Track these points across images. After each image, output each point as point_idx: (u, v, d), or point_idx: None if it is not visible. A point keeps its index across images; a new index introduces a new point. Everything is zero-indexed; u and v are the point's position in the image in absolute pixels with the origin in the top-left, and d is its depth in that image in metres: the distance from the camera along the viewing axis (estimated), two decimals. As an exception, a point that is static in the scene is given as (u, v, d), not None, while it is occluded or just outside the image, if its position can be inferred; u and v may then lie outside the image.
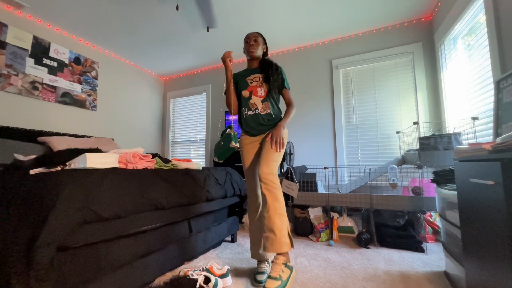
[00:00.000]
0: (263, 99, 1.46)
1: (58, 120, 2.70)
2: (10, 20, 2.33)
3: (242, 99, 1.51)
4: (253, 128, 1.47)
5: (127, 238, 1.12)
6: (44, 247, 0.75)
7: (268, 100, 1.46)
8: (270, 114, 1.46)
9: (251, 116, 1.47)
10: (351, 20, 2.60)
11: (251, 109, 1.46)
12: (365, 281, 1.36)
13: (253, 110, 1.46)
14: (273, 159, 1.32)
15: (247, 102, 1.48)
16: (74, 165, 1.07)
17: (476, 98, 1.79)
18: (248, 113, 1.47)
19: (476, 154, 0.92)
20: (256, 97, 1.46)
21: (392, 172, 2.10)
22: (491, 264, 0.81)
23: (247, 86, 1.50)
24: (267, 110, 1.45)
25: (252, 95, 1.47)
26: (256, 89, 1.47)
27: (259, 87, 1.47)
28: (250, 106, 1.47)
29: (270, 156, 1.32)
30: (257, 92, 1.47)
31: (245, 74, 1.55)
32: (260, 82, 1.48)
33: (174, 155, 4.04)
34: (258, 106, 1.45)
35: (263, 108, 1.45)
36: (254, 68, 1.55)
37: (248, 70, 1.56)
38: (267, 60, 1.54)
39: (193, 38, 2.95)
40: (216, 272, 1.31)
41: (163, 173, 1.32)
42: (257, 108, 1.45)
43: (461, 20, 1.90)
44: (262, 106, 1.45)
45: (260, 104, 1.45)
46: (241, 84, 1.53)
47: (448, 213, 1.29)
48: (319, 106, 2.96)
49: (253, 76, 1.50)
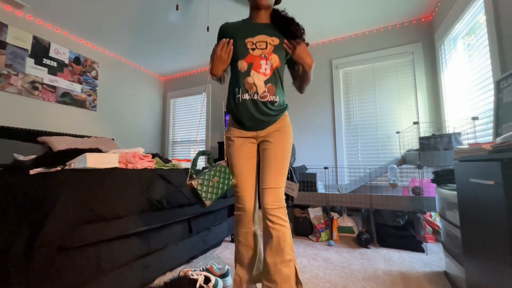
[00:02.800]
0: (268, 79, 1.00)
1: (58, 120, 2.70)
2: (10, 20, 2.33)
3: (236, 73, 1.04)
4: (248, 119, 1.02)
5: (127, 238, 1.12)
6: (44, 247, 0.75)
7: (273, 80, 1.01)
8: (274, 102, 1.01)
9: (246, 102, 1.00)
10: (351, 20, 2.60)
11: (248, 91, 1.00)
12: (365, 281, 1.36)
13: (250, 93, 1.00)
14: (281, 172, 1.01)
15: (243, 80, 1.01)
16: (74, 165, 1.07)
17: (476, 98, 1.79)
18: (243, 97, 1.01)
19: (476, 154, 0.92)
20: (258, 73, 1.00)
21: (392, 172, 2.10)
22: (491, 264, 0.81)
23: (246, 54, 1.01)
24: (270, 97, 1.00)
25: (251, 69, 1.00)
26: (258, 62, 1.00)
27: (265, 58, 1.00)
28: (246, 87, 1.00)
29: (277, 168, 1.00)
30: (260, 66, 1.00)
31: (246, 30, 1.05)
32: (268, 51, 1.00)
33: (174, 155, 4.04)
34: (258, 88, 0.99)
35: (265, 92, 1.00)
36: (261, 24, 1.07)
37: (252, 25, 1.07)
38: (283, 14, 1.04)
39: (193, 38, 2.95)
40: (216, 272, 1.32)
41: (163, 173, 1.32)
42: (257, 91, 0.99)
43: (461, 20, 1.90)
44: (264, 89, 0.99)
45: (261, 85, 0.99)
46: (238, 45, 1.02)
47: (448, 213, 1.29)
48: (319, 106, 2.96)
49: (258, 37, 1.02)
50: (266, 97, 1.00)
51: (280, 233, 0.95)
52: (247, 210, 1.05)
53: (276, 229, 0.95)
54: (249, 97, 1.00)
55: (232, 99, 1.06)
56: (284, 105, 1.08)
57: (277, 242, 0.94)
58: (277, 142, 1.04)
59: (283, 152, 1.04)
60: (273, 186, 0.99)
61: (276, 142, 1.04)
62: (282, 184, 1.01)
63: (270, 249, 0.96)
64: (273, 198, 0.97)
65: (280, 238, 0.94)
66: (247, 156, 1.08)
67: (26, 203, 0.82)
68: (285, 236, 0.95)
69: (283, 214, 0.98)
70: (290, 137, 1.08)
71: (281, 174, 1.02)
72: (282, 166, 1.03)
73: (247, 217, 1.06)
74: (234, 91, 1.05)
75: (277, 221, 0.95)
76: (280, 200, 0.98)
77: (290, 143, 1.07)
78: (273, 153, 1.03)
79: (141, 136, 3.78)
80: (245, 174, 1.06)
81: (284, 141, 1.05)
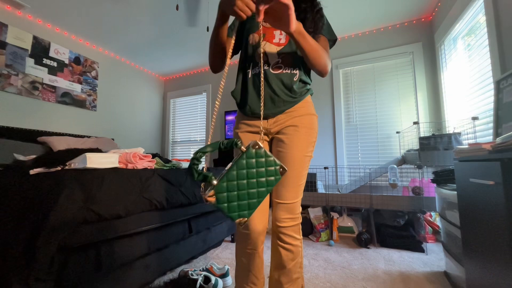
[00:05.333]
0: (282, 48, 0.83)
1: (58, 120, 2.70)
2: (10, 20, 2.33)
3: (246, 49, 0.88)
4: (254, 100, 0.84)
5: (127, 238, 1.12)
6: (44, 247, 0.75)
7: (290, 51, 0.84)
8: (291, 77, 0.83)
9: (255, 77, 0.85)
10: (351, 20, 2.60)
11: (257, 64, 0.84)
12: (365, 281, 1.36)
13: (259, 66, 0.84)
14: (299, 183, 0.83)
15: (254, 53, 0.85)
16: (74, 165, 1.07)
17: (476, 98, 1.79)
18: (252, 72, 0.85)
19: (476, 154, 0.92)
20: (271, 44, 0.84)
21: (392, 172, 2.10)
22: (491, 264, 0.81)
23: (258, 27, 0.86)
24: (285, 69, 0.83)
25: (263, 40, 0.84)
26: (272, 32, 0.85)
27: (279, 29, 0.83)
28: (257, 60, 0.84)
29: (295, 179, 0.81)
30: (273, 37, 0.84)
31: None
32: None
33: (174, 155, 4.04)
34: (269, 58, 0.83)
35: (278, 63, 0.83)
36: None
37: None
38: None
39: (193, 38, 2.95)
40: (216, 272, 1.32)
41: (163, 173, 1.32)
42: (268, 61, 0.83)
43: (461, 20, 1.90)
44: (277, 60, 0.83)
45: (274, 56, 0.83)
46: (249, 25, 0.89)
47: (448, 213, 1.29)
48: (319, 106, 2.96)
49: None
50: (279, 68, 0.82)
51: (290, 253, 0.81)
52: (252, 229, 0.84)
53: (286, 249, 0.81)
54: (258, 71, 0.83)
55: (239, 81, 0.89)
56: (307, 87, 0.87)
57: (286, 262, 0.81)
58: (293, 143, 0.82)
59: (302, 157, 0.83)
60: (289, 201, 0.81)
61: (293, 143, 0.82)
62: (299, 198, 0.83)
63: (276, 267, 0.84)
64: (287, 214, 0.81)
65: (289, 257, 0.81)
66: None
67: (26, 203, 0.82)
68: (296, 256, 0.82)
69: (297, 232, 0.82)
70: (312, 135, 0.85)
71: (299, 185, 0.83)
72: (301, 176, 0.83)
73: (254, 236, 0.85)
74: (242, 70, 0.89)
75: (288, 240, 0.81)
76: (295, 216, 0.82)
77: (310, 143, 0.85)
78: (290, 158, 0.82)
79: (141, 136, 3.78)
80: None
81: (303, 142, 0.83)
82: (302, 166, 0.83)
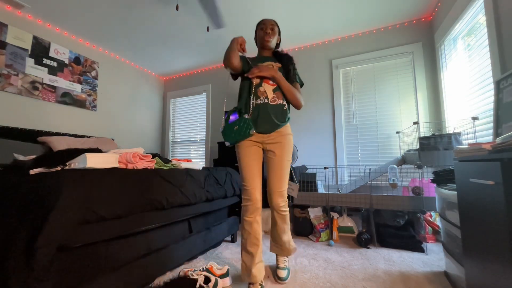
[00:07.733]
0: (275, 88, 1.33)
1: (58, 120, 2.70)
2: (10, 20, 2.33)
3: (250, 86, 1.35)
4: (262, 119, 1.30)
5: (127, 238, 1.12)
6: (44, 247, 0.75)
7: (279, 90, 1.34)
8: (281, 106, 1.33)
9: (259, 106, 1.31)
10: (351, 20, 2.60)
11: (260, 97, 1.32)
12: (365, 281, 1.36)
13: (261, 99, 1.31)
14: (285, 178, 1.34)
15: (257, 90, 1.33)
16: (74, 165, 1.07)
17: (476, 98, 1.79)
18: (256, 102, 1.32)
19: (476, 154, 0.92)
20: (268, 85, 1.33)
21: (392, 172, 2.10)
22: (491, 264, 0.81)
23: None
24: (278, 101, 1.32)
25: (263, 82, 1.34)
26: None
27: None
28: (259, 94, 1.32)
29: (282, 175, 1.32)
30: (269, 80, 1.34)
31: (257, 59, 1.43)
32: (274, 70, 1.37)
33: (174, 155, 4.04)
34: (268, 94, 1.31)
35: (274, 97, 1.32)
36: (266, 56, 1.46)
37: (260, 57, 1.45)
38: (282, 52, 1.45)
39: (193, 38, 2.95)
40: (216, 272, 1.31)
41: (163, 173, 1.32)
42: (267, 97, 1.31)
43: (461, 20, 1.90)
44: (273, 95, 1.32)
45: (271, 93, 1.32)
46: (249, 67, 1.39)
47: (448, 213, 1.29)
48: (319, 106, 2.96)
49: (266, 63, 1.39)
50: (275, 100, 1.32)
51: (285, 216, 1.38)
52: (254, 200, 1.29)
53: (282, 215, 1.36)
54: (261, 102, 1.32)
55: (246, 106, 1.34)
56: (289, 115, 1.38)
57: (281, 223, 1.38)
58: (280, 153, 1.33)
59: (286, 162, 1.35)
60: (280, 190, 1.33)
61: (279, 154, 1.33)
62: (285, 187, 1.36)
63: (277, 226, 1.38)
64: (280, 199, 1.34)
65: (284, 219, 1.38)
66: (254, 156, 1.33)
67: (26, 203, 0.82)
68: (287, 218, 1.40)
69: (286, 206, 1.38)
70: (291, 148, 1.38)
71: (285, 179, 1.35)
72: (286, 173, 1.35)
73: (253, 207, 1.29)
74: (247, 99, 1.35)
75: (282, 212, 1.36)
76: (285, 198, 1.36)
77: (291, 152, 1.37)
78: (278, 163, 1.33)
79: (141, 136, 3.78)
80: (253, 171, 1.31)
81: (286, 153, 1.34)
82: (286, 167, 1.35)
